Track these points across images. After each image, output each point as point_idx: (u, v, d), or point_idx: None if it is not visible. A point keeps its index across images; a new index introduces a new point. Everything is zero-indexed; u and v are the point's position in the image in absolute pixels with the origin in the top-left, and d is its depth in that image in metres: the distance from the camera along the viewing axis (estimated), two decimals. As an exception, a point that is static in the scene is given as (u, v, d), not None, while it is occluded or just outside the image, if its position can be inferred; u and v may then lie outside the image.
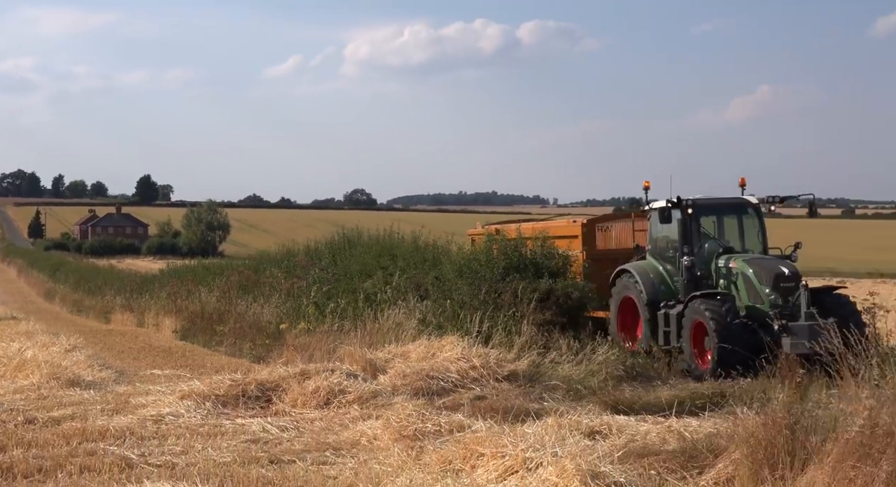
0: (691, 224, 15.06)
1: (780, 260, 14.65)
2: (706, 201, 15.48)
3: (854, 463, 6.51)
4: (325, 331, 16.22)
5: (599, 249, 17.53)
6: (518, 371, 12.61)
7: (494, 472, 7.09)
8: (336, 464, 8.45)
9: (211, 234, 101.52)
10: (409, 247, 20.47)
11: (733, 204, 15.74)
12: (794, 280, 13.81)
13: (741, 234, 15.49)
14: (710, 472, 7.65)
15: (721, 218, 15.79)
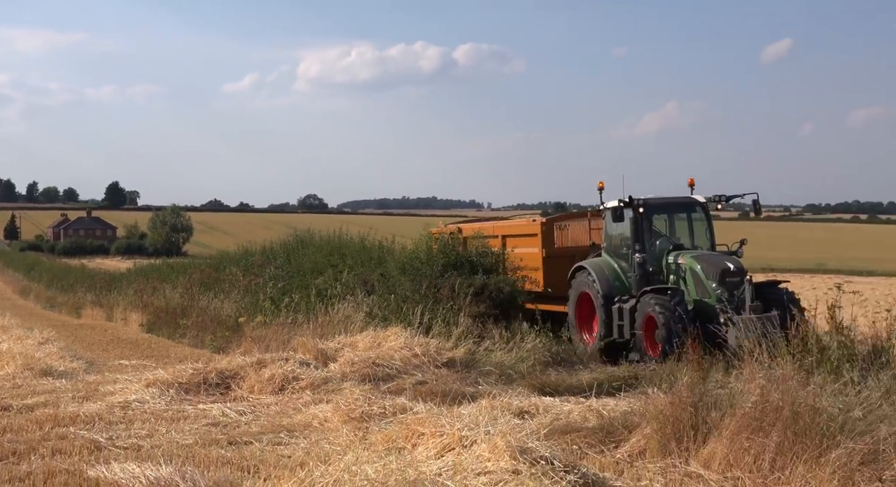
0: (642, 222, 14.61)
1: (726, 256, 14.22)
2: (657, 200, 15.07)
3: (748, 435, 6.66)
4: (281, 324, 16.09)
5: (557, 247, 16.89)
6: (455, 358, 12.63)
7: (433, 449, 7.08)
8: (290, 445, 8.38)
9: (175, 236, 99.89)
10: (357, 247, 20.37)
11: (682, 203, 15.30)
12: (739, 274, 13.39)
13: (691, 232, 15.07)
14: (625, 446, 7.75)
15: (671, 216, 15.34)
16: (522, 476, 5.90)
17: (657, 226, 15.07)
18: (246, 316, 17.76)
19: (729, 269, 13.48)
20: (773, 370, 7.54)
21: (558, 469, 6.16)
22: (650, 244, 14.66)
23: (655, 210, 15.02)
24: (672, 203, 15.35)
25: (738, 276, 13.35)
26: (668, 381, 9.94)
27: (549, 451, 6.52)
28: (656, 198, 15.11)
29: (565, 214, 18.71)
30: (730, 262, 13.71)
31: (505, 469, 6.09)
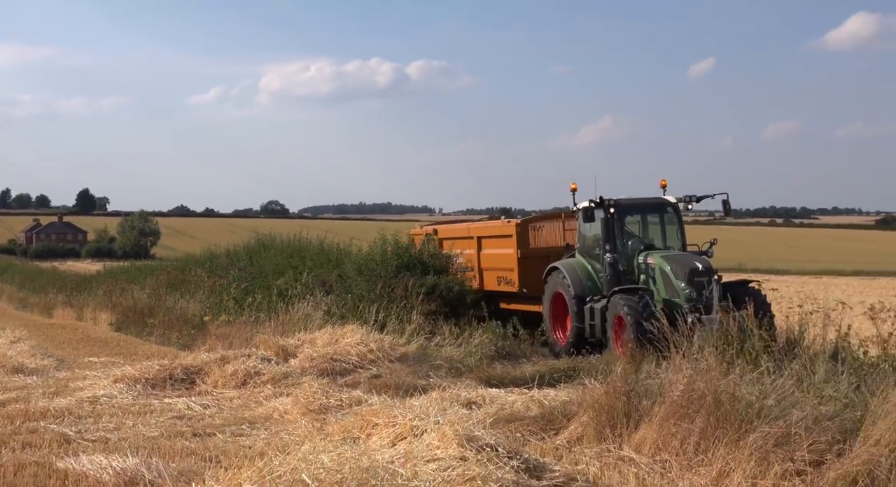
0: (613, 223, 13.89)
1: (695, 256, 13.52)
2: (628, 201, 14.34)
3: (675, 421, 6.76)
4: (244, 322, 15.89)
5: (532, 248, 16.06)
6: (408, 353, 12.60)
7: (387, 439, 7.06)
8: (251, 436, 8.28)
9: (143, 240, 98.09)
10: (316, 250, 20.24)
11: (653, 203, 14.54)
12: (708, 274, 12.71)
13: (663, 232, 14.38)
14: (564, 433, 7.81)
15: (644, 217, 14.60)
16: (469, 463, 5.91)
17: (629, 227, 14.43)
18: (210, 315, 17.51)
19: (697, 269, 12.86)
20: (698, 361, 7.65)
21: (502, 456, 6.19)
22: (622, 244, 14.04)
23: (626, 210, 14.31)
24: (643, 203, 14.66)
25: (707, 276, 12.71)
26: (604, 373, 10.03)
27: (494, 439, 6.54)
28: (628, 198, 14.46)
29: (540, 215, 17.44)
30: (698, 262, 13.09)
31: (453, 456, 6.09)
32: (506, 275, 16.15)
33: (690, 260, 13.15)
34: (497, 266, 16.44)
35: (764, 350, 8.23)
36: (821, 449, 5.99)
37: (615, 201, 14.00)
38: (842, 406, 6.54)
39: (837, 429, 6.15)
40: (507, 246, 16.22)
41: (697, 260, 13.17)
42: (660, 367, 8.89)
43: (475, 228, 17.71)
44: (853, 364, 7.88)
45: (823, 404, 6.52)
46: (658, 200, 14.54)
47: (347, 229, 44.59)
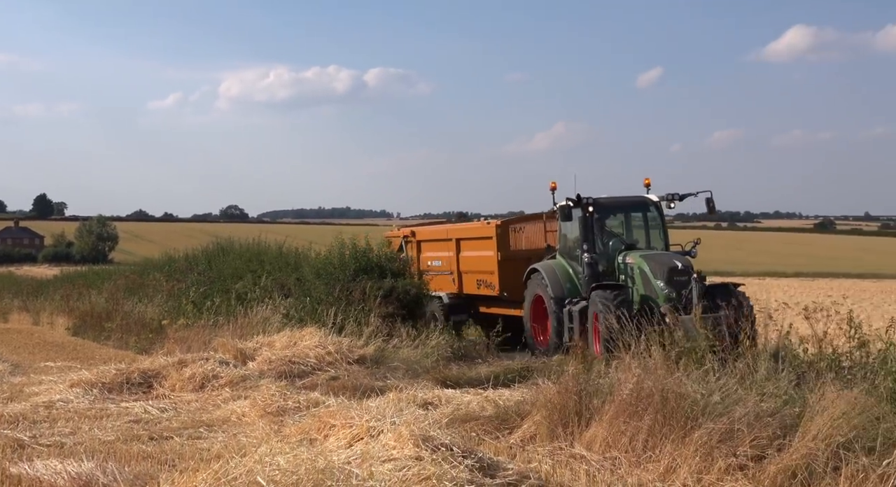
0: (591, 222, 13.27)
1: (675, 255, 12.94)
2: (607, 200, 13.70)
3: (625, 419, 6.82)
4: (202, 326, 15.65)
5: (513, 250, 15.31)
6: (366, 355, 12.53)
7: (344, 440, 7.01)
8: (208, 439, 8.15)
9: (102, 244, 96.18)
10: (275, 254, 20.07)
11: (635, 202, 13.92)
12: (687, 273, 12.14)
13: (645, 231, 13.76)
14: (518, 432, 7.83)
15: (625, 216, 14.03)
16: (425, 462, 5.89)
17: (611, 227, 13.91)
18: (169, 318, 17.22)
19: (676, 268, 12.25)
20: (647, 360, 7.74)
21: (457, 455, 6.18)
22: (602, 244, 13.44)
23: (606, 209, 13.71)
24: (624, 202, 14.03)
25: (686, 275, 12.13)
26: (557, 373, 10.09)
27: (450, 439, 6.53)
28: (607, 197, 13.82)
29: (521, 216, 16.42)
30: (678, 261, 12.48)
31: (409, 456, 6.06)
32: (486, 278, 15.52)
33: (670, 260, 12.59)
34: (477, 269, 15.78)
35: (709, 349, 8.34)
36: (762, 444, 6.09)
37: (594, 200, 13.40)
38: (782, 402, 6.67)
39: (778, 425, 6.26)
40: (486, 248, 15.52)
41: (677, 259, 12.64)
42: (610, 366, 8.98)
43: (454, 230, 17.01)
44: (793, 362, 8.04)
45: (765, 401, 6.63)
46: (639, 199, 13.98)
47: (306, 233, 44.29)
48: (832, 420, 5.93)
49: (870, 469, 5.53)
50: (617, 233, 13.84)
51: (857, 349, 8.02)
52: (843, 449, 5.75)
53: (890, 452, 5.60)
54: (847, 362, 8.07)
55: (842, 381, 6.99)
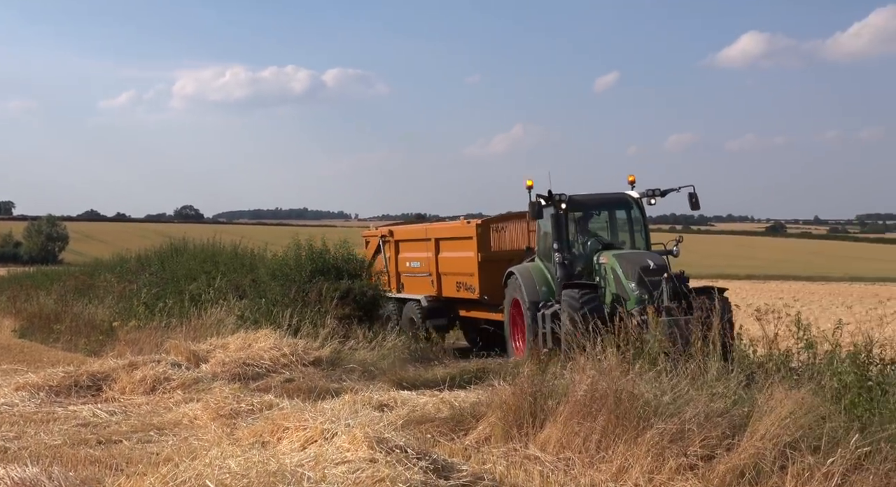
0: (564, 220, 12.67)
1: (649, 255, 12.17)
2: (583, 197, 13.07)
3: (579, 420, 6.88)
4: (154, 328, 15.41)
5: (494, 250, 14.64)
6: (322, 357, 12.46)
7: (297, 442, 6.95)
8: (159, 442, 8.02)
9: (51, 244, 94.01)
10: (230, 255, 19.83)
11: (613, 199, 13.24)
12: (660, 273, 11.38)
13: (630, 230, 13.12)
14: (473, 433, 7.85)
15: (603, 214, 13.36)
16: (379, 464, 5.87)
17: (591, 225, 13.32)
18: (120, 320, 16.91)
19: (648, 268, 11.54)
20: (601, 362, 7.81)
21: (411, 457, 6.18)
22: (581, 244, 12.87)
23: (582, 207, 13.04)
24: (602, 199, 13.36)
25: (659, 275, 11.36)
26: (513, 374, 10.12)
27: (404, 440, 6.52)
28: (584, 194, 13.19)
29: (503, 215, 15.35)
30: (650, 260, 11.74)
31: (363, 459, 6.04)
32: (466, 281, 14.87)
33: (642, 259, 11.85)
34: (456, 270, 15.13)
35: (661, 350, 8.45)
36: (712, 444, 6.19)
37: (568, 197, 12.80)
38: (731, 403, 6.78)
39: (727, 425, 6.37)
40: (466, 248, 14.85)
41: (651, 258, 11.90)
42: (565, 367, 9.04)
43: (433, 229, 16.30)
44: (743, 363, 8.18)
45: (715, 401, 6.74)
46: (618, 196, 13.32)
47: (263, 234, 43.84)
48: (779, 420, 6.04)
49: (815, 468, 5.65)
50: (594, 232, 13.27)
51: (805, 350, 8.20)
52: (789, 449, 5.87)
53: (834, 451, 5.73)
54: (795, 363, 8.24)
55: (790, 382, 7.14)
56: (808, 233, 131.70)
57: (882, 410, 6.37)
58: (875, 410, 6.42)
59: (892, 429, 5.98)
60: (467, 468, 6.49)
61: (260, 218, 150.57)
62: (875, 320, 8.50)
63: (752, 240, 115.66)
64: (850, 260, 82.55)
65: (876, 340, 7.58)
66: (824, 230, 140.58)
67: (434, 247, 15.81)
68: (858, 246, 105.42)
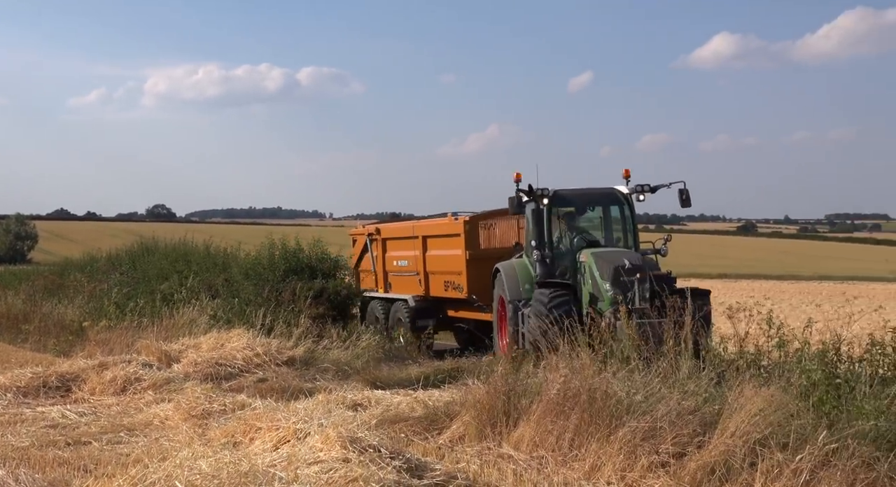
0: (545, 215, 12.11)
1: (627, 253, 11.59)
2: (568, 192, 12.52)
3: (552, 419, 6.90)
4: (125, 328, 15.21)
5: (484, 248, 14.23)
6: (296, 356, 12.40)
7: (270, 442, 6.91)
8: (129, 443, 7.93)
9: (20, 244, 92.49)
10: (202, 254, 19.67)
11: (600, 194, 12.65)
12: (637, 273, 10.75)
13: (621, 227, 12.57)
14: (447, 432, 7.85)
15: (593, 210, 12.82)
16: (352, 464, 5.86)
17: (572, 222, 12.73)
18: (90, 320, 16.69)
19: (623, 267, 10.91)
20: (574, 360, 7.84)
21: (385, 456, 6.16)
22: (567, 241, 12.35)
23: (566, 202, 12.47)
24: (588, 194, 12.74)
25: (636, 274, 10.76)
26: (487, 373, 10.13)
27: (378, 440, 6.51)
28: (569, 189, 12.63)
29: (492, 212, 14.74)
30: (627, 259, 11.13)
31: (336, 458, 6.02)
32: (453, 280, 14.44)
33: (618, 258, 11.24)
34: (444, 269, 14.70)
35: (633, 351, 8.50)
36: (683, 442, 6.24)
37: (553, 191, 12.25)
38: (703, 400, 6.85)
39: (698, 422, 6.42)
40: (454, 246, 14.36)
41: (629, 257, 11.27)
42: (538, 366, 9.06)
43: (420, 226, 15.78)
44: (714, 360, 8.26)
45: (686, 399, 6.80)
46: (605, 191, 12.70)
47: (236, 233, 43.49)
48: (749, 418, 6.11)
49: (784, 465, 5.72)
50: (584, 229, 12.74)
51: (776, 348, 8.29)
52: (759, 446, 5.94)
53: (803, 447, 5.80)
54: (766, 361, 8.33)
55: (760, 379, 7.22)
56: (779, 233, 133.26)
57: (849, 407, 6.46)
58: (842, 407, 6.50)
59: (858, 426, 6.06)
60: (441, 467, 6.49)
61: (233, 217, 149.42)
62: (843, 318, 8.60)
63: (724, 240, 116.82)
64: (820, 259, 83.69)
65: (844, 338, 7.69)
66: (794, 229, 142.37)
67: (421, 245, 15.42)
68: (827, 246, 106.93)
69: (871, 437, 6.03)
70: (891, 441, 6.02)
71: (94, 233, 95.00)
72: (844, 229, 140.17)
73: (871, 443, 5.95)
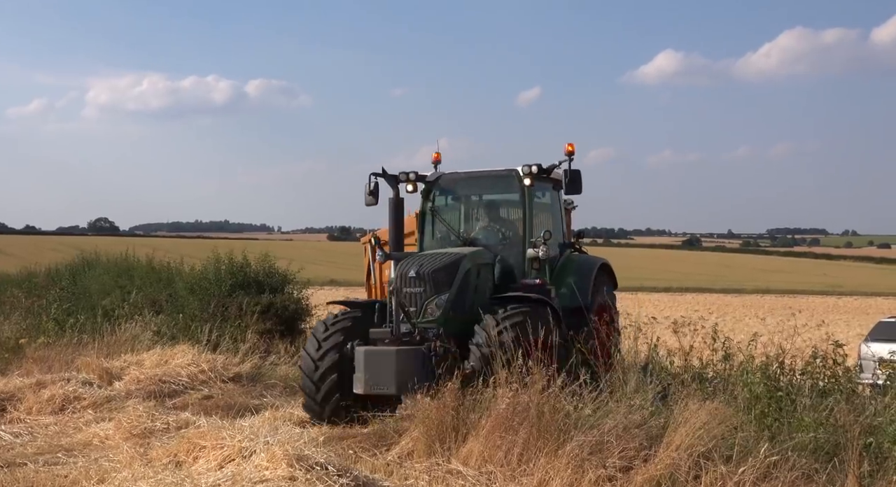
0: (399, 206, 9.96)
1: (429, 257, 9.13)
2: (439, 175, 10.22)
3: (501, 434, 6.90)
4: (65, 345, 14.76)
5: None
6: (242, 372, 12.23)
7: (214, 462, 6.78)
8: (67, 464, 7.68)
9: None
10: (146, 268, 19.28)
11: (483, 177, 10.18)
12: (420, 285, 8.78)
13: (526, 221, 9.77)
14: (396, 448, 7.78)
15: (478, 199, 10.37)
16: (298, 482, 5.79)
17: (446, 214, 10.33)
18: (27, 337, 16.17)
19: (404, 276, 8.83)
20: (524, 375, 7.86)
21: (332, 474, 6.10)
22: (435, 236, 10.19)
23: (438, 189, 10.20)
24: (468, 178, 10.25)
25: (420, 286, 8.73)
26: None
27: (325, 457, 6.45)
28: (439, 172, 10.30)
29: None
30: (415, 267, 8.78)
31: (282, 477, 5.95)
32: None
33: (409, 264, 8.98)
34: None
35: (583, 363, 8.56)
36: (630, 456, 6.30)
37: (414, 175, 10.02)
38: (649, 414, 6.93)
39: (645, 436, 6.49)
40: None
41: (420, 263, 8.91)
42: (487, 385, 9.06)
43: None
44: (660, 374, 8.36)
45: (633, 413, 6.87)
46: (488, 173, 10.16)
47: (182, 247, 42.70)
48: (694, 431, 6.20)
49: (727, 477, 5.81)
50: (452, 225, 10.16)
51: (721, 361, 8.44)
52: (703, 458, 6.03)
53: (745, 460, 5.91)
54: (710, 373, 8.48)
55: (704, 393, 7.33)
56: (722, 247, 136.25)
57: (790, 419, 6.61)
58: (784, 419, 6.65)
59: (799, 438, 6.20)
60: (389, 484, 6.46)
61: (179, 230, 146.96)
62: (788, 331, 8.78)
63: (669, 254, 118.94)
64: (762, 272, 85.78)
65: (787, 351, 7.86)
66: (737, 243, 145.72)
67: None
68: (769, 260, 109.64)
69: (811, 449, 6.17)
70: (829, 453, 6.17)
71: (32, 246, 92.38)
72: (785, 243, 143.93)
73: (811, 455, 6.10)
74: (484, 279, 9.48)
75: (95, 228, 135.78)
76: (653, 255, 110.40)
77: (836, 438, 6.25)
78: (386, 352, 8.49)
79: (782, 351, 7.76)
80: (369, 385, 8.53)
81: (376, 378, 8.49)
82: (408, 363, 8.38)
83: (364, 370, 8.53)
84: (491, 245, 9.97)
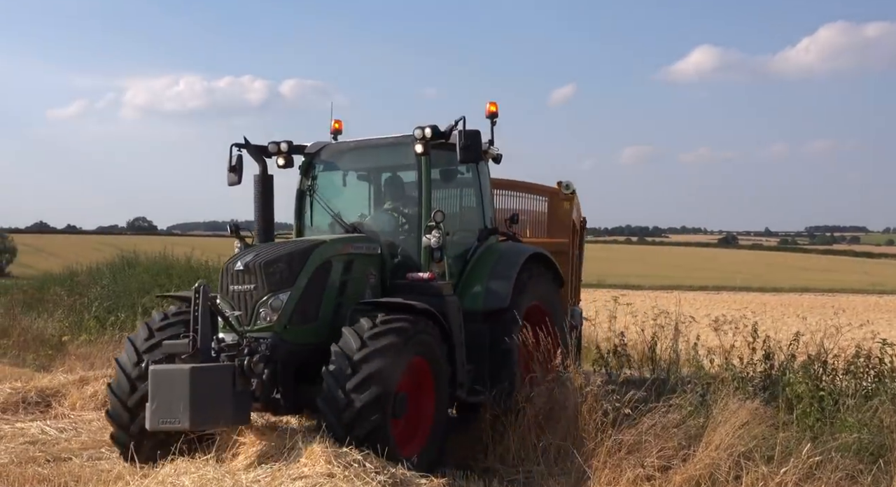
0: (269, 184, 7.98)
1: (265, 248, 7.19)
2: (324, 146, 8.20)
3: (537, 432, 6.88)
4: (106, 342, 15.10)
5: None
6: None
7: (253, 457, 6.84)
8: (110, 459, 7.80)
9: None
10: (184, 267, 19.60)
11: (379, 145, 8.04)
12: (251, 281, 6.74)
13: (416, 195, 7.61)
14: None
15: (370, 175, 8.30)
16: (336, 479, 5.81)
17: (325, 193, 8.24)
18: (70, 334, 16.53)
19: (228, 272, 6.92)
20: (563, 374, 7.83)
21: (370, 471, 6.12)
22: (312, 220, 8.35)
23: (317, 161, 8.18)
24: (360, 147, 8.15)
25: (249, 284, 6.72)
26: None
27: (363, 455, 6.47)
28: (322, 142, 8.29)
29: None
30: (243, 260, 6.85)
31: (320, 473, 5.97)
32: None
33: (238, 257, 7.05)
34: None
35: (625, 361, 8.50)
36: (668, 455, 6.25)
37: (287, 145, 8.06)
38: (688, 413, 6.86)
39: (683, 436, 6.44)
40: None
41: (251, 256, 6.91)
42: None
43: None
44: (699, 373, 8.29)
45: (671, 412, 6.81)
46: (382, 142, 8.04)
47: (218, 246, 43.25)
48: (734, 430, 6.14)
49: (768, 478, 5.74)
50: (331, 209, 8.08)
51: (762, 361, 8.34)
52: (743, 459, 5.96)
53: (787, 460, 5.83)
54: (751, 373, 8.37)
55: (744, 392, 7.25)
56: (760, 245, 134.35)
57: (833, 420, 6.50)
58: (826, 420, 6.55)
59: (842, 439, 6.10)
60: (426, 482, 6.45)
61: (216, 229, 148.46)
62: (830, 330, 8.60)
63: (705, 252, 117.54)
64: (800, 270, 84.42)
65: (829, 350, 7.74)
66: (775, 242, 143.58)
67: None
68: (808, 258, 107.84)
69: (855, 450, 6.07)
70: (874, 454, 6.07)
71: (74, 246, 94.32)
72: (824, 241, 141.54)
73: (855, 456, 6.00)
74: (359, 275, 7.27)
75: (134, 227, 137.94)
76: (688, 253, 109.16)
77: (881, 439, 6.15)
78: (177, 372, 5.83)
79: (824, 350, 7.64)
80: (156, 417, 5.86)
81: (166, 407, 5.82)
82: (207, 386, 5.86)
83: (152, 397, 5.91)
84: (386, 231, 7.78)
